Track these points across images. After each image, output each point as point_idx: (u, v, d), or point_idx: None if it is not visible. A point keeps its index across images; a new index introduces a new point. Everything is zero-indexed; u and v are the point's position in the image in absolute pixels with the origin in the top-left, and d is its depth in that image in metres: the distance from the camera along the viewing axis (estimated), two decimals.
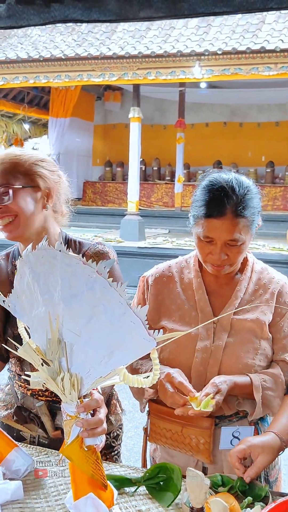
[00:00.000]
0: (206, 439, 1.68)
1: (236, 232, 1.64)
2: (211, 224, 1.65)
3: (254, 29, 10.66)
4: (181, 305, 1.81)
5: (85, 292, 1.22)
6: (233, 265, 1.72)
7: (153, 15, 1.46)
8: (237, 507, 1.30)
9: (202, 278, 1.83)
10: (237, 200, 1.64)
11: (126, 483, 1.52)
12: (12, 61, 11.82)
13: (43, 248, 1.28)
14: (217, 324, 1.77)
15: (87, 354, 1.27)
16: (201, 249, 1.72)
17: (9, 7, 1.50)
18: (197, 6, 1.41)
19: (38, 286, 1.31)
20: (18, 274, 1.36)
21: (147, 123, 14.75)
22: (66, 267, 1.24)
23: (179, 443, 1.73)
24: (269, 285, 1.80)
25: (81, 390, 1.31)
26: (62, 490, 1.51)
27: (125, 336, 1.20)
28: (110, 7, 1.42)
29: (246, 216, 1.65)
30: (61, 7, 1.46)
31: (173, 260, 1.92)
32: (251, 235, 1.70)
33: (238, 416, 1.75)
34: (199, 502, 1.11)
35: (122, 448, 2.02)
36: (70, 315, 1.27)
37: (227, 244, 1.66)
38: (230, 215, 1.63)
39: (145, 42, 11.16)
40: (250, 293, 1.79)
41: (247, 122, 15.84)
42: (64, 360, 1.30)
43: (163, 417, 1.76)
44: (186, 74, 10.90)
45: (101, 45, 11.48)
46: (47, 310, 1.30)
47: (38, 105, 15.67)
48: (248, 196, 1.67)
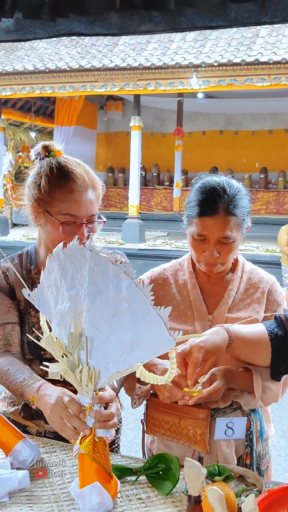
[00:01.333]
0: (203, 430, 1.68)
1: (228, 230, 1.66)
2: (204, 223, 1.67)
3: (248, 42, 10.67)
4: (177, 306, 1.81)
5: (111, 290, 1.23)
6: (225, 263, 1.73)
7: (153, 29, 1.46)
8: (232, 495, 1.30)
9: (196, 279, 1.83)
10: (228, 199, 1.66)
11: (127, 473, 1.52)
12: (19, 73, 11.84)
13: (75, 247, 1.29)
14: (212, 322, 1.77)
15: (107, 349, 1.27)
16: (195, 248, 1.73)
17: (17, 22, 1.50)
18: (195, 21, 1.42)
19: (65, 282, 1.31)
20: (46, 270, 1.37)
21: (147, 131, 14.76)
22: (94, 266, 1.25)
23: (176, 434, 1.73)
24: (259, 284, 1.82)
25: (98, 383, 1.32)
26: (67, 479, 1.50)
27: (146, 334, 1.20)
28: (112, 21, 1.42)
29: (237, 215, 1.68)
30: (66, 21, 1.47)
31: (167, 263, 1.93)
32: (242, 234, 1.72)
33: (232, 408, 1.75)
34: (196, 490, 1.10)
35: (123, 439, 2.02)
36: (94, 311, 1.27)
37: (219, 242, 1.68)
38: (222, 213, 1.66)
39: (145, 54, 11.18)
40: (242, 292, 1.81)
41: (242, 130, 15.85)
42: (83, 354, 1.30)
43: (161, 410, 1.76)
44: (184, 85, 10.92)
45: (103, 57, 11.49)
46: (72, 305, 1.30)
47: (44, 114, 15.70)
48: (238, 196, 1.69)
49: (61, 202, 1.68)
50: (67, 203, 1.67)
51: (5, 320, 1.77)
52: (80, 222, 1.68)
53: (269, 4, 1.32)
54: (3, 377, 1.67)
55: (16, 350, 1.77)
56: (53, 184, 1.68)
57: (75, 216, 1.67)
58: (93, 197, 1.72)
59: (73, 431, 1.38)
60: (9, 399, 1.86)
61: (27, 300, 1.77)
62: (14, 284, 1.80)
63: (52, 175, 1.69)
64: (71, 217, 1.67)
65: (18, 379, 1.61)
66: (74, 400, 1.40)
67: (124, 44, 11.75)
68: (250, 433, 1.74)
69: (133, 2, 1.35)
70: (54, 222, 1.68)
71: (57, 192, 1.68)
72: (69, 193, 1.68)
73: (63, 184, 1.68)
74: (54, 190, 1.68)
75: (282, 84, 10.33)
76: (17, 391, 1.60)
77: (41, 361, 1.73)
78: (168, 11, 1.37)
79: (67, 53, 12.05)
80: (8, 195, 14.14)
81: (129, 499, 1.42)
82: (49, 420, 1.44)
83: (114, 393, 1.42)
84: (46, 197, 1.69)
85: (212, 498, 1.07)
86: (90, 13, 1.40)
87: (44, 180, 1.69)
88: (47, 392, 1.49)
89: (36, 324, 1.77)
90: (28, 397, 1.55)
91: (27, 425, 1.80)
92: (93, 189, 1.73)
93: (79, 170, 1.71)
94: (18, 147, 15.42)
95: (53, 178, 1.68)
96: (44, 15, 1.43)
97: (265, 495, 1.33)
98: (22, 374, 1.62)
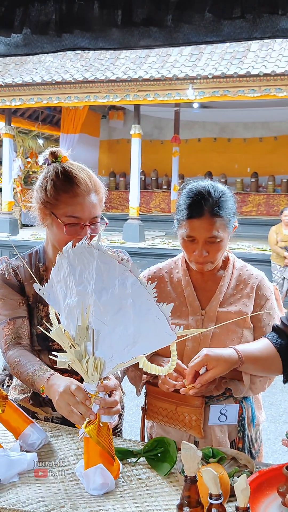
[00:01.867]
0: (198, 416, 1.69)
1: (214, 230, 1.67)
2: (192, 225, 1.68)
3: (240, 56, 10.65)
4: (172, 302, 1.81)
5: (117, 287, 1.23)
6: (214, 262, 1.74)
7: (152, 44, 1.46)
8: (225, 475, 1.30)
9: (190, 276, 1.83)
10: (213, 202, 1.67)
11: (129, 455, 1.53)
12: (28, 84, 11.81)
13: (83, 246, 1.29)
14: (205, 316, 1.77)
15: (112, 341, 1.28)
16: (186, 248, 1.74)
17: (25, 37, 1.50)
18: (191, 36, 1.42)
19: (74, 278, 1.32)
20: (56, 267, 1.38)
21: (147, 139, 14.73)
22: (101, 264, 1.25)
23: (173, 420, 1.73)
24: (249, 280, 1.82)
25: (103, 372, 1.33)
26: (72, 461, 1.51)
27: (149, 328, 1.21)
28: (114, 37, 1.42)
29: (222, 216, 1.68)
30: (71, 37, 1.47)
31: (163, 262, 1.93)
32: (229, 233, 1.72)
33: (225, 395, 1.75)
34: (192, 471, 1.11)
35: (125, 424, 2.02)
36: (100, 306, 1.27)
37: (207, 242, 1.68)
38: (207, 215, 1.66)
39: (145, 67, 11.16)
40: (232, 288, 1.81)
41: (234, 138, 15.81)
42: (90, 345, 1.31)
43: (159, 397, 1.76)
44: (181, 95, 10.90)
45: (106, 70, 11.47)
46: (80, 300, 1.31)
47: (51, 122, 15.66)
48: (223, 199, 1.70)
49: (66, 205, 1.68)
50: (71, 206, 1.68)
51: (16, 315, 1.78)
52: (83, 223, 1.68)
53: (259, 21, 1.32)
54: (15, 367, 1.67)
55: (26, 342, 1.77)
56: (59, 188, 1.69)
57: (78, 218, 1.68)
58: (95, 200, 1.72)
59: (79, 417, 1.39)
60: (20, 387, 1.86)
61: (36, 295, 1.78)
62: (24, 281, 1.80)
63: (58, 180, 1.69)
64: (75, 219, 1.68)
65: (29, 370, 1.61)
66: (81, 388, 1.41)
67: (125, 58, 11.73)
68: (242, 419, 1.75)
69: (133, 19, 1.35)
70: (59, 223, 1.68)
71: (62, 195, 1.68)
72: (73, 196, 1.68)
73: (67, 188, 1.68)
74: (59, 194, 1.69)
75: (272, 95, 10.30)
76: (28, 381, 1.60)
77: (49, 351, 1.74)
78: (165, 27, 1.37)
79: (72, 66, 12.02)
80: (18, 198, 14.12)
81: (130, 480, 1.42)
82: (57, 407, 1.44)
83: (118, 382, 1.42)
84: (52, 200, 1.69)
85: (207, 478, 1.07)
86: (94, 29, 1.40)
87: (50, 184, 1.69)
88: (56, 382, 1.49)
89: (44, 317, 1.78)
90: (39, 386, 1.55)
91: (36, 412, 1.80)
92: (96, 193, 1.73)
93: (83, 175, 1.71)
94: (27, 153, 15.39)
95: (58, 183, 1.69)
96: (50, 31, 1.43)
97: (256, 476, 1.34)
98: (33, 365, 1.63)
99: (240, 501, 1.04)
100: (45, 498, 1.31)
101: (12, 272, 1.81)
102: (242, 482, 1.04)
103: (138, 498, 1.33)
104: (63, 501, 1.30)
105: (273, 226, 8.46)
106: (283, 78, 9.98)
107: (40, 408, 1.80)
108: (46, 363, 1.74)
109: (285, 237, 8.25)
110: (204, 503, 1.11)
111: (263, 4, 1.27)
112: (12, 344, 1.75)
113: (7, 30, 1.46)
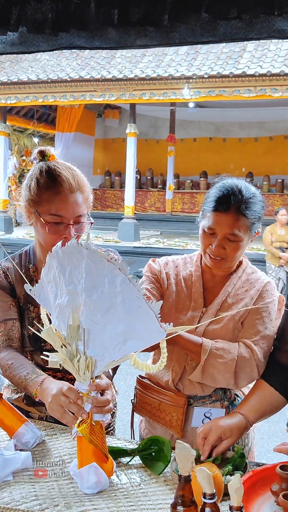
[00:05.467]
0: (179, 416, 1.69)
1: (236, 228, 1.65)
2: (216, 218, 1.66)
3: (236, 56, 10.67)
4: (180, 292, 1.80)
5: (106, 285, 1.23)
6: (229, 261, 1.70)
7: (148, 43, 1.46)
8: (219, 475, 1.30)
9: (201, 274, 1.82)
10: (241, 200, 1.65)
11: (123, 454, 1.53)
12: (23, 83, 11.79)
13: (72, 246, 1.28)
14: (204, 314, 1.76)
15: (103, 340, 1.28)
16: (204, 240, 1.72)
17: (21, 35, 1.50)
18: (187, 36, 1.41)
19: (64, 278, 1.31)
20: (46, 267, 1.37)
21: (142, 138, 14.72)
22: (91, 263, 1.25)
23: (156, 417, 1.75)
24: (255, 284, 1.78)
25: (94, 371, 1.33)
26: (66, 460, 1.51)
27: (139, 326, 1.21)
28: (110, 36, 1.42)
29: (247, 216, 1.66)
30: (67, 36, 1.46)
31: (179, 255, 1.92)
32: (250, 237, 1.70)
33: (211, 399, 1.74)
34: (186, 470, 1.11)
35: (118, 422, 2.03)
36: (90, 305, 1.27)
37: (226, 238, 1.66)
38: (233, 211, 1.65)
39: (141, 66, 11.16)
40: (237, 289, 1.78)
41: (230, 137, 15.84)
42: (81, 344, 1.31)
43: (145, 392, 1.79)
44: (177, 95, 10.91)
45: (102, 69, 11.46)
46: (70, 300, 1.30)
47: (46, 121, 15.64)
48: (252, 200, 1.68)
49: (48, 203, 1.66)
50: (54, 204, 1.66)
51: (7, 317, 1.77)
52: (67, 223, 1.66)
53: (255, 22, 1.32)
54: (7, 370, 1.67)
55: (17, 344, 1.77)
56: (41, 186, 1.68)
57: (61, 216, 1.66)
58: (80, 199, 1.70)
59: (72, 418, 1.38)
60: (12, 387, 1.85)
61: (26, 296, 1.78)
62: (14, 282, 1.80)
63: (41, 178, 1.68)
64: (58, 218, 1.66)
65: (21, 373, 1.61)
66: (72, 388, 1.41)
67: (121, 57, 11.72)
68: None
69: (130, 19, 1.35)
70: (42, 222, 1.68)
71: (44, 193, 1.67)
72: (56, 194, 1.66)
73: (50, 186, 1.67)
74: (42, 192, 1.67)
75: (267, 95, 10.33)
76: (21, 384, 1.60)
77: (41, 352, 1.74)
78: (162, 27, 1.37)
79: (68, 65, 12.00)
80: (13, 196, 14.10)
81: (124, 478, 1.42)
82: (50, 409, 1.44)
83: (110, 381, 1.42)
84: (36, 198, 1.68)
85: (201, 477, 1.07)
86: (90, 28, 1.40)
87: (34, 182, 1.69)
88: (49, 385, 1.49)
89: (35, 319, 1.77)
90: (32, 390, 1.55)
91: (30, 411, 1.80)
92: (80, 192, 1.71)
93: (66, 173, 1.69)
94: (22, 151, 15.36)
95: (41, 180, 1.68)
96: (47, 30, 1.42)
97: (250, 475, 1.34)
98: (25, 368, 1.63)
99: (234, 500, 1.05)
100: (39, 497, 1.31)
101: (2, 274, 1.80)
102: (236, 481, 1.04)
103: (132, 497, 1.33)
104: (57, 500, 1.30)
105: (268, 226, 8.47)
106: (278, 78, 10.01)
107: (34, 407, 1.80)
108: (39, 363, 1.74)
109: (280, 237, 8.26)
110: (198, 502, 1.11)
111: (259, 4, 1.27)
112: (3, 346, 1.75)
113: (3, 28, 1.46)
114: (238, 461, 1.45)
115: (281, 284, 8.34)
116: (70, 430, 1.61)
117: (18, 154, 15.04)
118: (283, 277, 8.39)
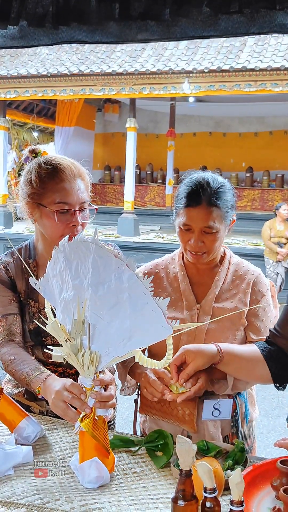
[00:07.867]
0: (191, 410, 1.69)
1: (211, 220, 1.67)
2: (189, 213, 1.68)
3: (236, 50, 10.63)
4: (170, 294, 1.81)
5: (113, 281, 1.23)
6: (209, 253, 1.72)
7: (149, 38, 1.46)
8: (220, 469, 1.31)
9: (186, 271, 1.83)
10: (210, 192, 1.68)
11: (130, 444, 1.54)
12: (23, 77, 11.74)
13: (80, 240, 1.29)
14: (200, 310, 1.77)
15: (108, 335, 1.28)
16: (182, 237, 1.74)
17: (22, 29, 1.49)
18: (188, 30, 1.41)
19: (70, 272, 1.32)
20: (52, 261, 1.37)
21: (142, 132, 14.68)
22: (98, 258, 1.25)
23: (166, 414, 1.73)
24: (245, 276, 1.81)
25: (99, 366, 1.33)
26: (67, 454, 1.51)
27: (145, 322, 1.21)
28: (111, 30, 1.41)
29: (219, 206, 1.68)
30: (68, 30, 1.46)
31: (160, 258, 1.94)
32: (226, 226, 1.72)
33: None
34: (187, 465, 1.11)
35: (118, 417, 2.03)
36: (96, 300, 1.27)
37: (203, 232, 1.68)
38: (204, 205, 1.67)
39: (141, 61, 11.11)
40: (228, 283, 1.80)
41: (229, 132, 15.80)
42: (85, 339, 1.31)
43: None
44: (177, 89, 10.87)
45: (101, 63, 11.41)
46: (76, 294, 1.31)
47: (46, 115, 15.58)
48: (221, 190, 1.70)
49: (53, 192, 1.68)
50: (58, 192, 1.68)
51: (8, 311, 1.77)
52: (73, 209, 1.69)
53: (257, 16, 1.32)
54: (9, 365, 1.67)
55: (19, 339, 1.77)
56: (44, 177, 1.70)
57: (67, 203, 1.68)
58: (82, 185, 1.74)
59: (75, 414, 1.39)
60: (13, 381, 1.86)
61: (27, 292, 1.78)
62: (15, 277, 1.80)
63: (42, 169, 1.70)
64: (64, 205, 1.68)
65: (24, 369, 1.61)
66: (76, 383, 1.41)
67: (121, 51, 11.67)
68: (236, 415, 1.75)
69: (131, 13, 1.34)
70: (48, 213, 1.69)
71: (48, 183, 1.69)
72: (60, 182, 1.69)
73: (52, 175, 1.69)
74: (45, 182, 1.69)
75: (268, 89, 10.29)
76: (23, 380, 1.60)
77: (42, 346, 1.74)
78: (163, 21, 1.36)
79: (68, 59, 11.95)
80: (12, 191, 14.08)
81: (125, 473, 1.43)
82: (53, 406, 1.44)
83: (113, 376, 1.42)
84: (39, 190, 1.70)
85: (202, 472, 1.08)
86: (91, 22, 1.39)
87: (34, 175, 1.70)
88: (53, 383, 1.50)
89: (35, 313, 1.77)
90: (35, 387, 1.55)
91: (31, 406, 1.80)
92: (81, 178, 1.75)
93: (65, 162, 1.73)
94: (21, 146, 15.29)
95: (43, 172, 1.70)
96: (47, 24, 1.41)
97: (250, 469, 1.35)
98: (28, 365, 1.63)
99: (235, 495, 1.05)
100: (40, 491, 1.32)
101: (3, 269, 1.80)
102: (237, 476, 1.05)
103: (133, 491, 1.33)
104: (58, 494, 1.30)
105: (267, 221, 8.48)
106: (279, 73, 9.97)
107: (35, 402, 1.80)
108: (40, 358, 1.74)
109: (279, 233, 8.27)
110: (198, 497, 1.12)
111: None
112: (5, 341, 1.75)
113: (3, 22, 1.45)
114: (238, 455, 1.46)
115: (280, 279, 8.35)
116: (71, 425, 1.62)
117: (17, 148, 15.00)
118: (281, 272, 8.41)
